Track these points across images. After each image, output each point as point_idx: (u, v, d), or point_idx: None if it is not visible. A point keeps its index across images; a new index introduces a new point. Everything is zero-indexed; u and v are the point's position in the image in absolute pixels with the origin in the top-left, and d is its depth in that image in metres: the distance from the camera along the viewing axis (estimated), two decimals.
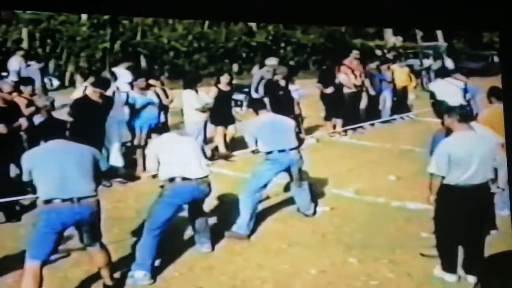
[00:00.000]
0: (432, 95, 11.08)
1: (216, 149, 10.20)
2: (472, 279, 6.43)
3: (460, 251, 6.54)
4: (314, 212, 8.23)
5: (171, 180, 6.67)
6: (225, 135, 10.41)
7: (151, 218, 6.56)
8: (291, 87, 11.20)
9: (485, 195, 6.43)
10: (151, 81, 10.21)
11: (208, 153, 7.54)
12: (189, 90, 9.94)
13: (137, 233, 6.85)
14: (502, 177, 6.53)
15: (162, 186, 6.73)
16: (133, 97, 9.60)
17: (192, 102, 9.85)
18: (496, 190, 6.54)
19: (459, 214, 6.31)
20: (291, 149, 7.89)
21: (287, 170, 7.93)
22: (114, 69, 10.90)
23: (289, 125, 8.16)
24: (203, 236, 7.16)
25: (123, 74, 10.36)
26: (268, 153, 7.83)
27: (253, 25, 16.39)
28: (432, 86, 11.80)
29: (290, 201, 8.30)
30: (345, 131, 11.89)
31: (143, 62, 14.74)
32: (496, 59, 18.39)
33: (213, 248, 7.20)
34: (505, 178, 6.54)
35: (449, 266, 6.53)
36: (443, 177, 6.31)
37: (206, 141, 9.92)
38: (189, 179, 6.70)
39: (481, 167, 6.26)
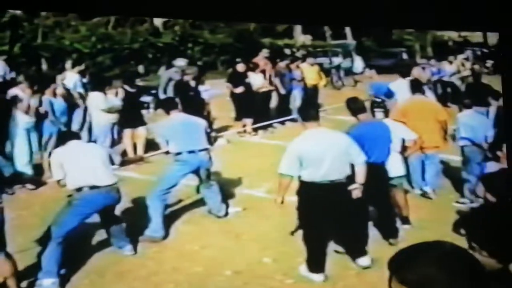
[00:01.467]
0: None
1: (125, 152, 10.18)
2: (363, 261, 6.77)
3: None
4: (226, 213, 8.34)
5: (79, 189, 6.64)
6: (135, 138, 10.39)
7: (58, 227, 6.49)
8: (201, 87, 11.29)
9: (343, 191, 6.66)
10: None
11: (116, 159, 7.51)
12: (97, 93, 9.90)
13: (43, 241, 6.74)
14: (359, 173, 6.75)
15: (70, 196, 6.68)
16: (46, 101, 9.48)
17: (98, 104, 9.80)
18: (354, 186, 6.75)
19: (321, 211, 6.53)
20: (201, 150, 7.96)
21: (196, 171, 8.00)
22: None
23: (200, 125, 8.22)
24: (122, 240, 7.17)
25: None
26: (177, 154, 7.88)
27: (159, 25, 16.41)
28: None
29: (202, 203, 8.35)
30: (256, 130, 12.06)
31: (44, 65, 14.51)
32: (405, 56, 19.07)
33: (135, 251, 7.24)
34: (362, 174, 6.75)
35: (315, 265, 6.74)
36: (299, 176, 6.51)
37: (115, 144, 9.90)
38: (97, 187, 6.70)
39: (336, 163, 6.47)
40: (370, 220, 7.65)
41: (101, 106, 9.78)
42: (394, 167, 7.85)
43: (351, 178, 6.70)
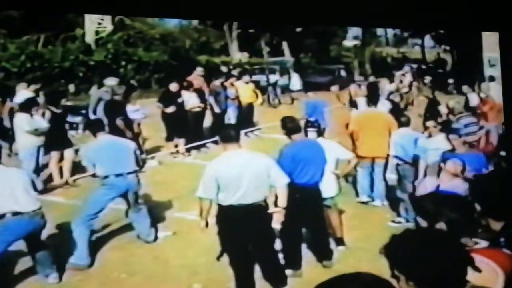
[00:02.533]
0: None
1: (50, 177, 9.93)
2: None
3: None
4: (155, 238, 8.20)
5: (1, 216, 6.48)
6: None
7: None
8: (132, 107, 11.14)
9: (262, 214, 6.63)
10: None
11: (39, 184, 7.32)
12: (22, 114, 9.65)
13: None
14: (280, 196, 6.73)
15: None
16: None
17: (23, 126, 9.55)
18: (275, 209, 6.74)
19: (242, 235, 6.49)
20: (129, 173, 7.83)
21: (125, 195, 7.86)
22: None
23: (128, 147, 8.10)
24: (48, 267, 7.02)
25: None
26: (105, 177, 7.73)
27: (91, 43, 16.17)
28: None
29: (130, 228, 8.21)
30: (188, 150, 11.92)
31: None
32: (343, 72, 19.22)
33: (60, 279, 7.11)
34: (283, 197, 6.73)
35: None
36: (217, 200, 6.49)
37: (40, 167, 9.64)
38: (20, 213, 6.53)
39: (254, 186, 6.45)
40: (303, 242, 7.64)
41: (26, 127, 9.53)
42: (328, 187, 7.85)
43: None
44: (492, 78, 14.79)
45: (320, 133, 8.25)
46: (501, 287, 3.06)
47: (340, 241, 8.17)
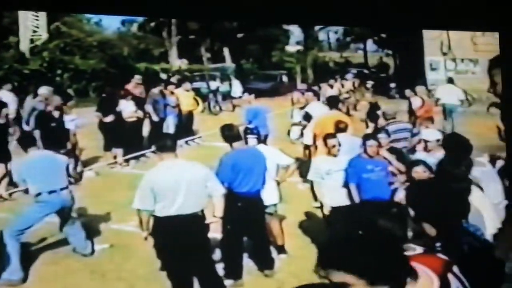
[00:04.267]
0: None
1: None
2: None
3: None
4: (92, 251, 8.05)
5: None
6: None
7: None
8: (67, 117, 10.91)
9: (199, 225, 6.61)
10: None
11: None
12: None
13: None
14: (217, 205, 6.73)
15: None
16: None
17: None
18: (212, 219, 6.73)
19: (178, 246, 6.45)
20: (62, 189, 7.68)
21: (59, 211, 7.70)
22: None
23: (61, 162, 7.94)
24: None
25: None
26: (37, 194, 7.56)
27: (26, 52, 15.90)
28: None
29: (65, 242, 8.05)
30: (127, 161, 11.77)
31: None
32: (285, 78, 19.29)
33: None
34: (220, 207, 6.73)
35: None
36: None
37: None
38: None
39: (191, 196, 6.42)
40: (245, 252, 7.60)
41: None
42: (269, 194, 7.82)
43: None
44: (451, 80, 15.07)
45: (260, 140, 8.23)
46: None
47: (281, 249, 8.15)
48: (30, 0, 7.06)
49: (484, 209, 5.45)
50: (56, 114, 10.49)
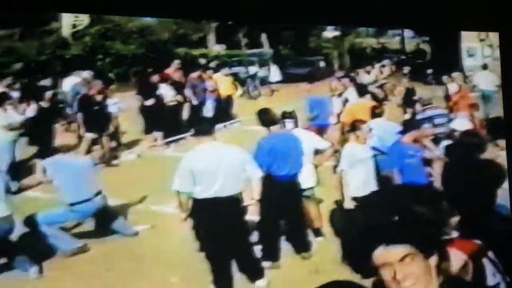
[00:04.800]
0: None
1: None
2: (261, 283, 6.75)
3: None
4: (136, 232, 8.17)
5: None
6: None
7: None
8: (109, 101, 11.07)
9: (237, 207, 6.65)
10: None
11: (13, 186, 7.17)
12: None
13: None
14: (255, 189, 6.76)
15: None
16: None
17: None
18: (250, 202, 6.77)
19: (216, 229, 6.50)
20: (97, 194, 7.77)
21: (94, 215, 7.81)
22: None
23: (86, 166, 8.00)
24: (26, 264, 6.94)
25: None
26: (72, 204, 7.64)
27: (68, 37, 16.03)
28: None
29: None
30: (167, 143, 11.89)
31: None
32: (322, 64, 19.21)
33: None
34: (258, 190, 6.76)
35: (223, 283, 6.72)
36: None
37: (16, 162, 9.53)
38: None
39: (229, 179, 6.46)
40: (282, 235, 7.67)
41: (0, 123, 9.46)
42: (306, 178, 7.87)
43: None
44: (485, 66, 14.90)
45: (297, 124, 8.27)
46: (471, 277, 3.10)
47: (318, 232, 8.20)
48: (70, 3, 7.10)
49: None
50: (98, 98, 10.63)
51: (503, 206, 5.11)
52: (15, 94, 10.98)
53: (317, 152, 8.15)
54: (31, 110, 10.03)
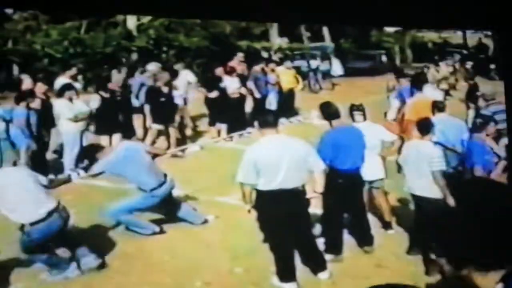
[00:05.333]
0: None
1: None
2: (323, 275, 6.72)
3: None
4: (205, 221, 8.27)
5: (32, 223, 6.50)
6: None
7: None
8: (175, 92, 11.19)
9: (300, 200, 6.62)
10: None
11: (43, 180, 7.10)
12: (61, 99, 9.76)
13: None
14: (317, 181, 6.70)
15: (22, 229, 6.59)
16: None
17: (63, 111, 9.67)
18: (313, 195, 6.73)
19: (280, 220, 6.48)
20: (165, 176, 7.95)
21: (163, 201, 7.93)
22: None
23: (144, 151, 8.09)
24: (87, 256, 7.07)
25: None
26: (153, 189, 7.77)
27: (133, 29, 16.27)
28: None
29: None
30: (231, 136, 11.97)
31: (16, 71, 14.31)
32: (384, 58, 19.05)
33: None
34: (320, 182, 6.70)
35: (286, 274, 6.70)
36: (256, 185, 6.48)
37: (83, 151, 9.68)
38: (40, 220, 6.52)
39: (293, 171, 6.42)
40: (345, 228, 7.64)
41: (67, 114, 9.64)
42: (375, 170, 7.84)
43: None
44: None
45: (365, 116, 8.23)
46: None
47: (388, 225, 8.16)
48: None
49: None
50: (165, 89, 10.76)
51: None
52: (79, 85, 11.20)
53: (384, 144, 8.09)
54: (96, 101, 10.20)
